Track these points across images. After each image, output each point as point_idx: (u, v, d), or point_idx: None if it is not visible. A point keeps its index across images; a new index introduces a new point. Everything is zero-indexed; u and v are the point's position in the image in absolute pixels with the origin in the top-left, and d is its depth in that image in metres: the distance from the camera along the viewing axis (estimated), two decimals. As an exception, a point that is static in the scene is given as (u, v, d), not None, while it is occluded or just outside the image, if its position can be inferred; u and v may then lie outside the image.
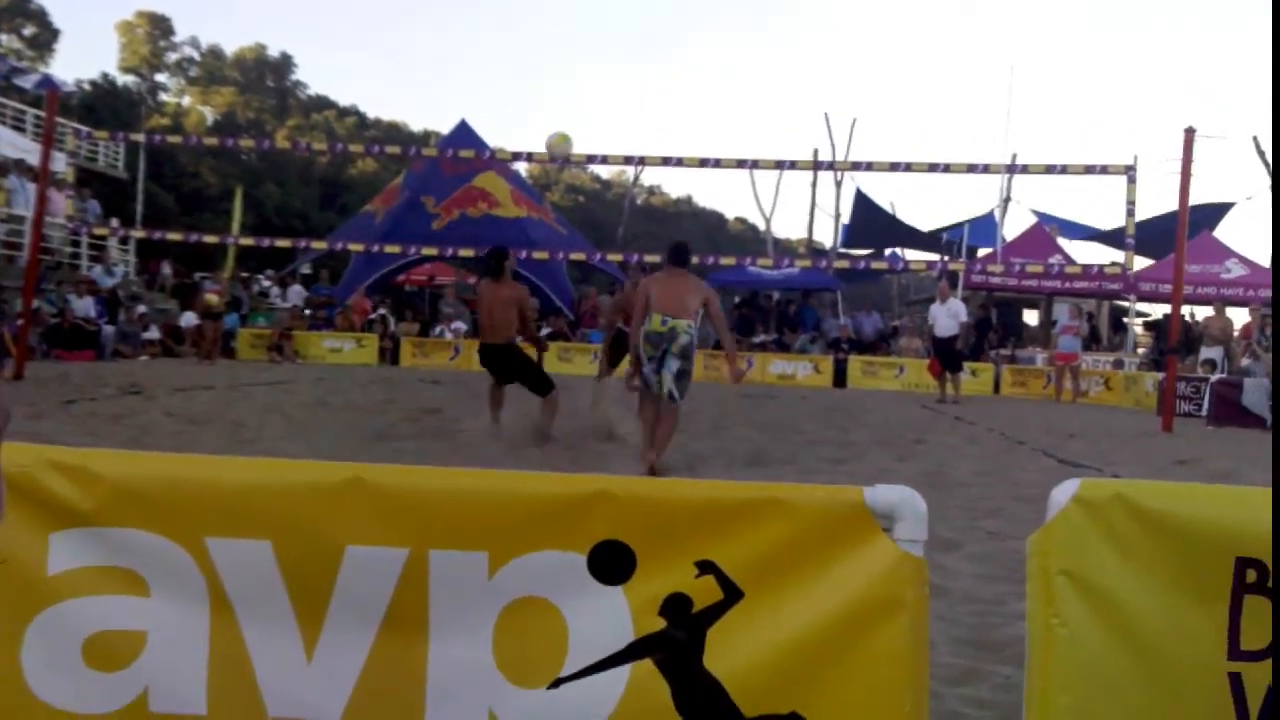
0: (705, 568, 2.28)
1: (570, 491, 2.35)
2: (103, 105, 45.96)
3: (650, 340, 9.19)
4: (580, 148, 14.42)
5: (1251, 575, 2.32)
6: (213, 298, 24.51)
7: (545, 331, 19.13)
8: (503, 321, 10.76)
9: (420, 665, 2.29)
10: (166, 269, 30.04)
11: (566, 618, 2.28)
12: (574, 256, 26.28)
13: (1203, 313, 23.12)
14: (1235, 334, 21.38)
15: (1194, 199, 14.58)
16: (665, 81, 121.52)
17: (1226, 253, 27.24)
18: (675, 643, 2.28)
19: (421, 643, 2.28)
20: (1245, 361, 19.53)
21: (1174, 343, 15.14)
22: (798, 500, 2.34)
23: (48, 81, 28.43)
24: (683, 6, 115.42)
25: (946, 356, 19.75)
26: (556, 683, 2.27)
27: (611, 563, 2.28)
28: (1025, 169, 17.51)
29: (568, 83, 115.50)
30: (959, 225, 32.95)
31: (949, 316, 19.63)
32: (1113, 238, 27.59)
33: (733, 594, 2.29)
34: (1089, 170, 15.02)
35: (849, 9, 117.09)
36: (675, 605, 2.28)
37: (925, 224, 35.79)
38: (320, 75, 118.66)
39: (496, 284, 10.83)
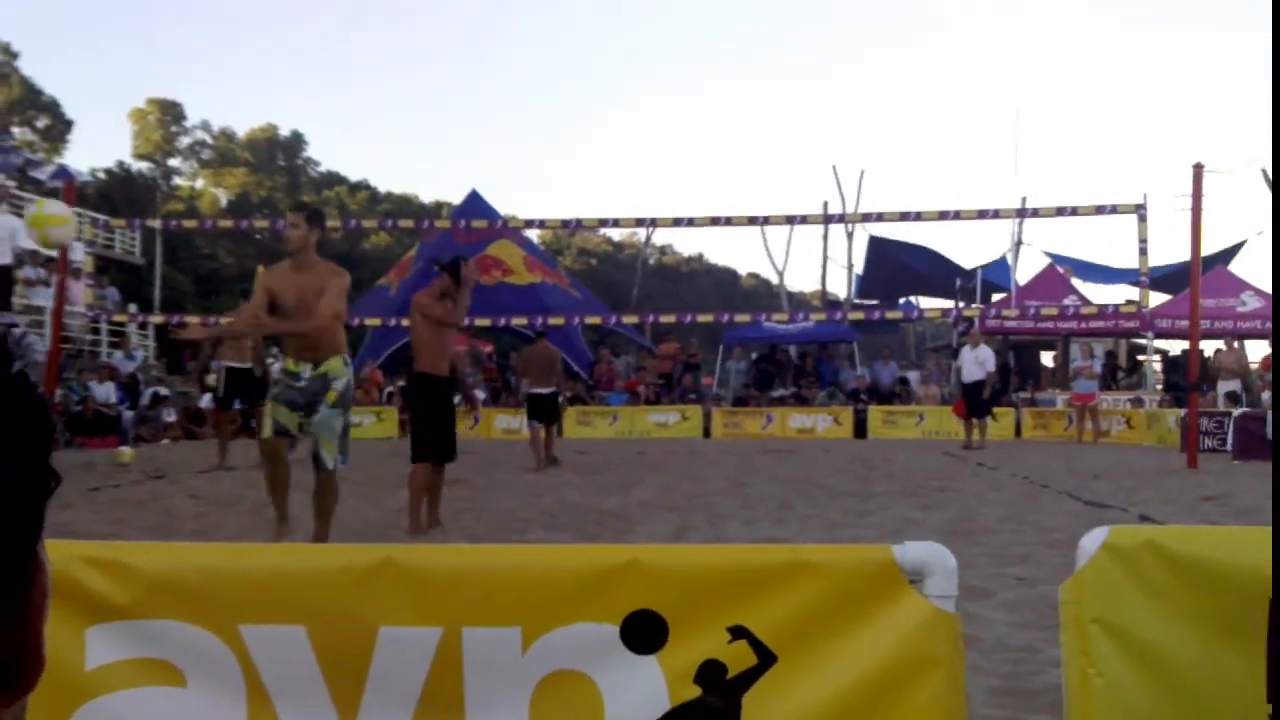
0: (737, 633, 2.28)
1: (600, 563, 2.35)
2: (117, 193, 46.48)
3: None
4: (591, 211, 14.55)
5: (1286, 616, 2.31)
6: (210, 379, 24.24)
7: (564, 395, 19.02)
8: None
9: (458, 745, 2.28)
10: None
11: (602, 690, 2.27)
12: (589, 320, 26.37)
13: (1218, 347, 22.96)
14: (1255, 366, 21.27)
15: (1205, 238, 14.55)
16: (673, 141, 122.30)
17: (1241, 286, 27.20)
18: (711, 710, 2.27)
19: (458, 722, 2.28)
20: (1267, 395, 19.43)
21: (1193, 379, 15.09)
22: (827, 561, 2.34)
23: (63, 172, 28.84)
24: (687, 67, 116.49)
25: (973, 402, 19.74)
26: (594, 756, 2.26)
27: (644, 632, 2.28)
28: (1036, 212, 17.55)
29: (576, 145, 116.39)
30: (980, 269, 32.63)
31: (976, 364, 19.62)
32: (1127, 276, 27.61)
33: (766, 658, 2.28)
34: (1099, 210, 15.06)
35: (852, 60, 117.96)
36: (709, 672, 2.28)
37: (949, 256, 34.60)
38: (331, 151, 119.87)
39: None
